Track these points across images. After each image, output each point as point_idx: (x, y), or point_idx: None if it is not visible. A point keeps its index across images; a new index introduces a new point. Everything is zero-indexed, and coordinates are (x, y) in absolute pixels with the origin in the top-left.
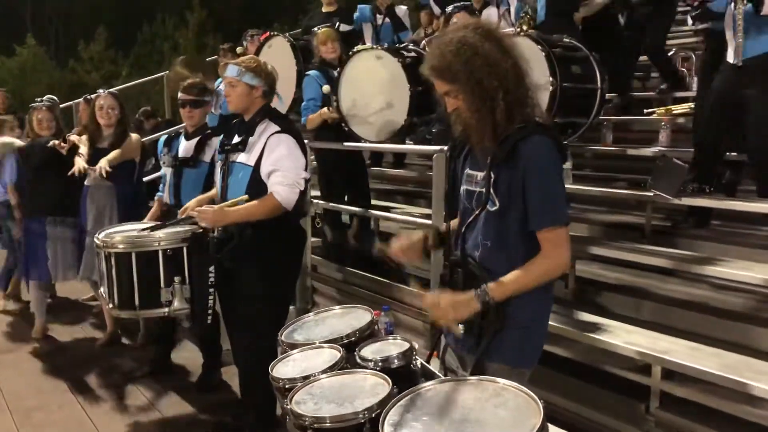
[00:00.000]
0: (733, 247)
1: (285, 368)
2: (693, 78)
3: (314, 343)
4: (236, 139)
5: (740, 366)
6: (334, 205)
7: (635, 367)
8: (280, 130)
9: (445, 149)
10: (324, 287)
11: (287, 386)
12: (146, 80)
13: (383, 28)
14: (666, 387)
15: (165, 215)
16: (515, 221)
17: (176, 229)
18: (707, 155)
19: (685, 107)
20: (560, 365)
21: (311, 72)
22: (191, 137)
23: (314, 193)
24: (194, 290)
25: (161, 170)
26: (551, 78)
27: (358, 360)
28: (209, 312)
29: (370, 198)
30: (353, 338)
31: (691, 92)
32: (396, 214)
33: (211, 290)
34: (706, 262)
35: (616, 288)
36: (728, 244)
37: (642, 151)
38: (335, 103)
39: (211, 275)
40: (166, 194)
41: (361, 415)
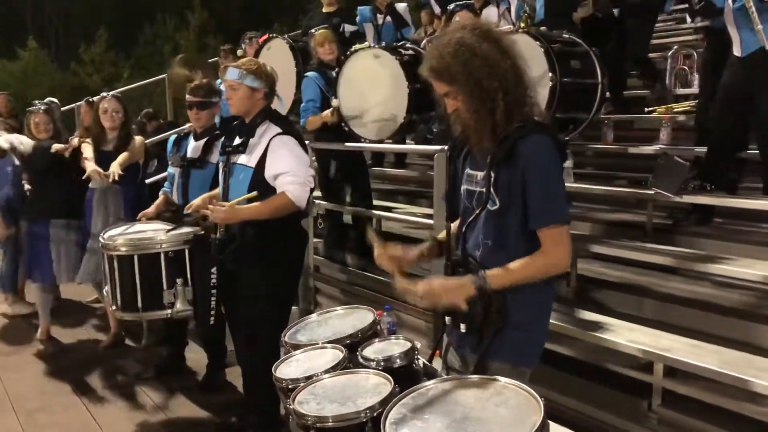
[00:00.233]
0: (735, 245)
1: (288, 368)
2: (694, 76)
3: (317, 344)
4: (237, 141)
5: (742, 363)
6: (336, 206)
7: (637, 365)
8: (282, 132)
9: (446, 149)
10: (327, 288)
11: (290, 386)
12: (147, 82)
13: (384, 28)
14: (668, 384)
15: (173, 215)
16: (515, 220)
17: (179, 231)
18: (714, 151)
19: (686, 105)
20: (563, 364)
21: (310, 73)
22: (200, 138)
23: (316, 194)
24: (196, 292)
25: (165, 171)
26: (551, 73)
27: (361, 360)
28: (212, 313)
29: (372, 198)
30: (356, 338)
31: (693, 90)
32: (398, 214)
33: (214, 291)
34: (708, 260)
35: (618, 286)
36: (730, 242)
37: (643, 149)
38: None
39: (213, 276)
40: (175, 194)
41: (363, 415)
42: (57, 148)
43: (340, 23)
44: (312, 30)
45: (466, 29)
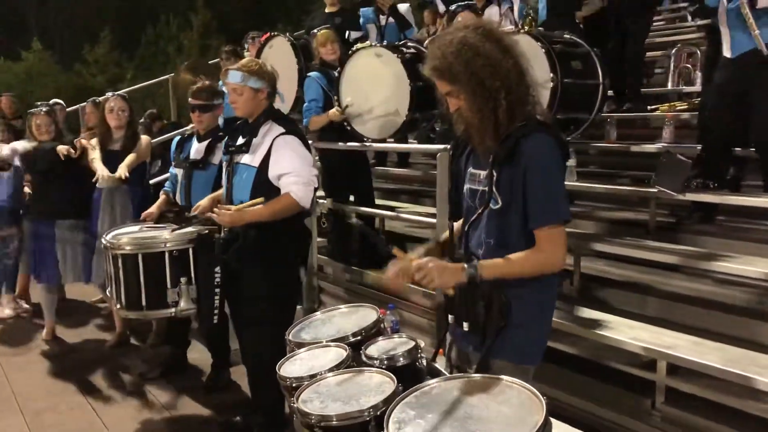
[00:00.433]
0: (738, 242)
1: (292, 367)
2: (697, 74)
3: (321, 342)
4: (240, 141)
5: (745, 360)
6: (339, 205)
7: (640, 363)
8: (285, 132)
9: (449, 148)
10: (330, 287)
11: (294, 385)
12: (151, 83)
13: (387, 29)
14: (671, 382)
15: (176, 216)
16: (518, 219)
17: (183, 231)
18: (714, 150)
19: (690, 103)
20: (566, 362)
21: (312, 73)
22: (203, 139)
23: (319, 194)
24: (200, 291)
25: (168, 172)
26: (552, 74)
27: (364, 358)
28: (215, 312)
29: (374, 198)
30: (359, 337)
31: (696, 87)
32: (401, 214)
33: (217, 291)
34: (711, 258)
35: (621, 284)
36: (733, 240)
37: (646, 148)
38: (337, 103)
39: (217, 276)
40: (178, 195)
41: (367, 413)
42: (61, 150)
43: (342, 23)
44: (314, 30)
45: (469, 29)
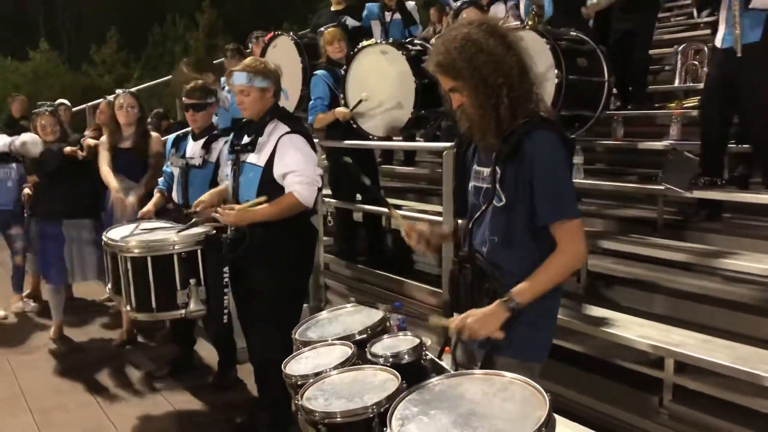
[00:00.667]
0: (745, 240)
1: (297, 365)
2: (704, 70)
3: (326, 341)
4: (246, 140)
5: (753, 358)
6: (345, 204)
7: (648, 361)
8: (291, 131)
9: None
10: (337, 285)
11: (299, 382)
12: (157, 82)
13: (392, 25)
14: (679, 380)
15: (175, 213)
16: (522, 216)
17: (190, 232)
18: (711, 145)
19: (697, 100)
20: (574, 359)
21: (319, 71)
22: (198, 138)
23: (325, 192)
24: (209, 291)
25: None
26: (556, 70)
27: (369, 356)
28: (225, 312)
29: (382, 195)
30: (365, 335)
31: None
32: (408, 212)
33: (227, 291)
34: (718, 255)
35: (628, 282)
36: (740, 237)
37: (653, 145)
38: (344, 101)
39: (226, 275)
40: (175, 193)
41: (371, 410)
42: (69, 151)
43: (347, 18)
44: (321, 29)
45: (473, 25)
